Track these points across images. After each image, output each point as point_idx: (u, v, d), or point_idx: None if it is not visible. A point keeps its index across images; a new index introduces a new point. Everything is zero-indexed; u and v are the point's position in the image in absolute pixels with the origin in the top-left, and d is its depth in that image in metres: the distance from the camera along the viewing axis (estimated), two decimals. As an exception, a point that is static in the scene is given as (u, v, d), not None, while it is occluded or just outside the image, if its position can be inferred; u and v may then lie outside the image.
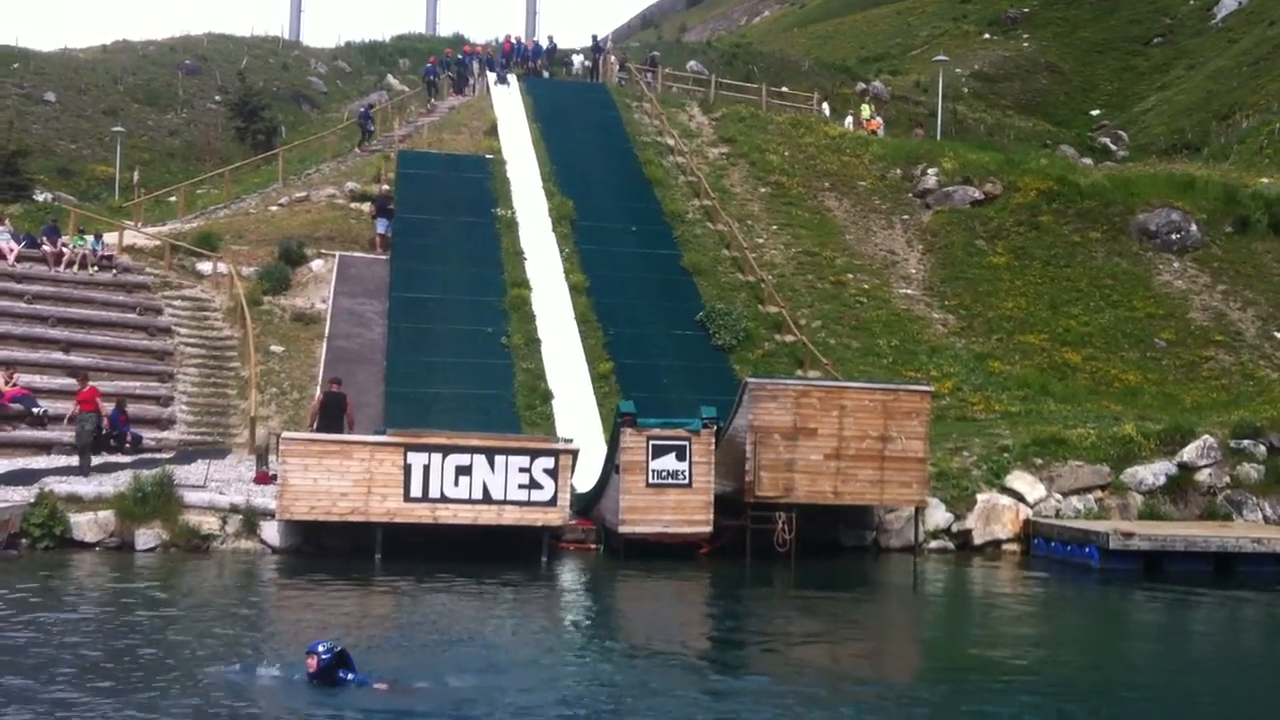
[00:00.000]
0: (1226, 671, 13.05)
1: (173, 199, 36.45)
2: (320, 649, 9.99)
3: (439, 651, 12.06)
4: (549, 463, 18.31)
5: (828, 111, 45.10)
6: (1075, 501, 21.70)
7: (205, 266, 28.93)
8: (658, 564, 18.08)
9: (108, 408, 22.11)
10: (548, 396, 25.40)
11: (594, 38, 50.34)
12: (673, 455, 18.76)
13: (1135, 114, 61.44)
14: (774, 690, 10.77)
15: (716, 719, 9.78)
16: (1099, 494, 21.95)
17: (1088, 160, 48.38)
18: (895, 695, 10.96)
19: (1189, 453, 22.48)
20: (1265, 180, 37.29)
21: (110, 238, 28.84)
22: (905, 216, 35.51)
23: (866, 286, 31.74)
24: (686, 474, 18.75)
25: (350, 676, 9.99)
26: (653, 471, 18.65)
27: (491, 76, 39.04)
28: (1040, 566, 19.79)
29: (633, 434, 18.70)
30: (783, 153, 38.43)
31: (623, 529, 18.63)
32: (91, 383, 21.10)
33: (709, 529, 18.91)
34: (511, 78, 38.72)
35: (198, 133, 51.21)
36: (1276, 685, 12.47)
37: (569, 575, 18.04)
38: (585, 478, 20.67)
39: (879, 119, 45.91)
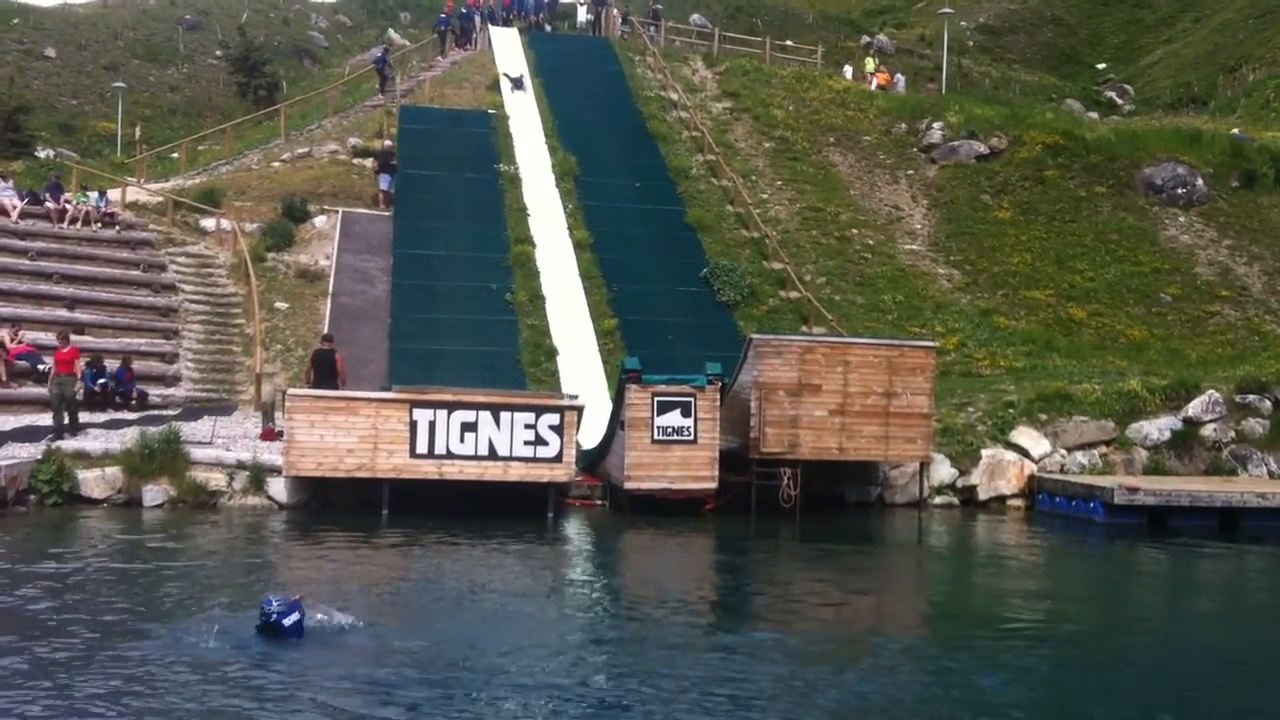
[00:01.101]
0: (1232, 625, 13.11)
1: (175, 155, 36.36)
2: (273, 605, 10.01)
3: (443, 605, 12.13)
4: (554, 419, 18.35)
5: (849, 74, 44.38)
6: (1080, 457, 21.76)
7: (209, 223, 28.84)
8: (663, 520, 18.16)
9: (113, 365, 22.16)
10: (552, 353, 25.40)
11: (596, -9, 49.79)
12: (678, 411, 18.79)
13: (1141, 67, 60.87)
14: (779, 644, 10.82)
15: (722, 674, 9.83)
16: (1104, 449, 21.99)
17: (1093, 114, 48.03)
18: (900, 649, 11.02)
19: (1194, 408, 22.49)
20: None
21: (113, 194, 28.76)
22: (910, 171, 35.33)
23: (871, 242, 31.64)
24: (691, 430, 18.79)
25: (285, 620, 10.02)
26: (658, 428, 18.69)
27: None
28: (1045, 522, 19.86)
29: (638, 390, 18.72)
30: (787, 107, 38.15)
31: (628, 485, 18.69)
32: (74, 343, 20.85)
33: (714, 485, 18.98)
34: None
35: (199, 88, 51.02)
36: (1280, 639, 12.54)
37: (574, 531, 18.12)
38: (591, 434, 20.75)
39: (900, 76, 45.31)
